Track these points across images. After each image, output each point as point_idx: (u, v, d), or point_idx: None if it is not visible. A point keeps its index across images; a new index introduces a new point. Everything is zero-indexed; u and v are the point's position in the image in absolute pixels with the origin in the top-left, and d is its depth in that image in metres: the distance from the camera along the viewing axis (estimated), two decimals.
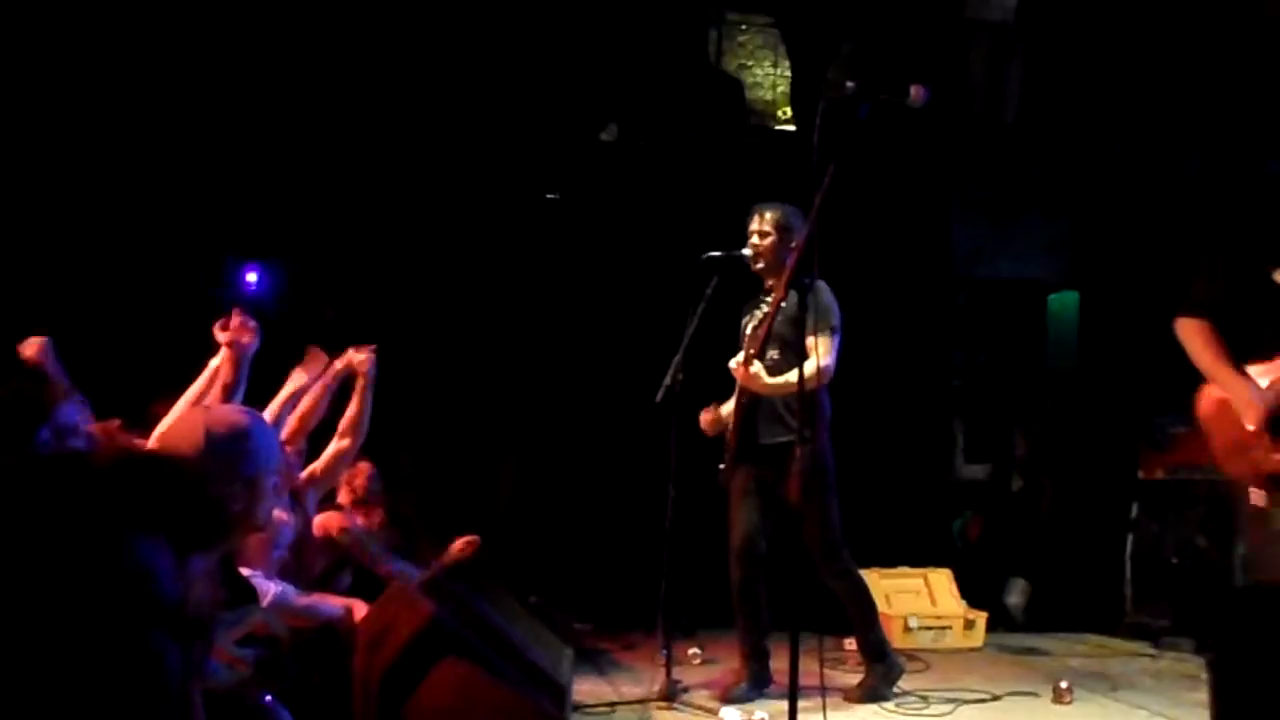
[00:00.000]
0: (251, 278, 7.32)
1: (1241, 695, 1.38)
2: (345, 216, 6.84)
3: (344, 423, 4.18)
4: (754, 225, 4.68)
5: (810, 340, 4.17)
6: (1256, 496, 2.60)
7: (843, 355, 4.58)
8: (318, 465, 4.11)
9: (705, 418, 4.76)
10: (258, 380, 4.33)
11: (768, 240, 4.63)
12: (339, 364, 4.18)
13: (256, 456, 2.23)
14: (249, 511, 2.17)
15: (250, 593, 2.91)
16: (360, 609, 3.33)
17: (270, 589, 3.25)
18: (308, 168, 6.74)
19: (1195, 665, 5.33)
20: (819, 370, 4.41)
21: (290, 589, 3.34)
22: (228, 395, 3.49)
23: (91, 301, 6.11)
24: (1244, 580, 2.75)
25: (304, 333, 6.70)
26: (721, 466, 4.70)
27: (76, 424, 2.81)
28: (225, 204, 6.72)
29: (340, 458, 4.19)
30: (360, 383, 4.18)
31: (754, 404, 4.60)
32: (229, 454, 2.17)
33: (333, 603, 3.41)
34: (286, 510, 3.85)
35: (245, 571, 3.16)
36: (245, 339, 3.54)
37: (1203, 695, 4.73)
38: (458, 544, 4.82)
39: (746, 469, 4.65)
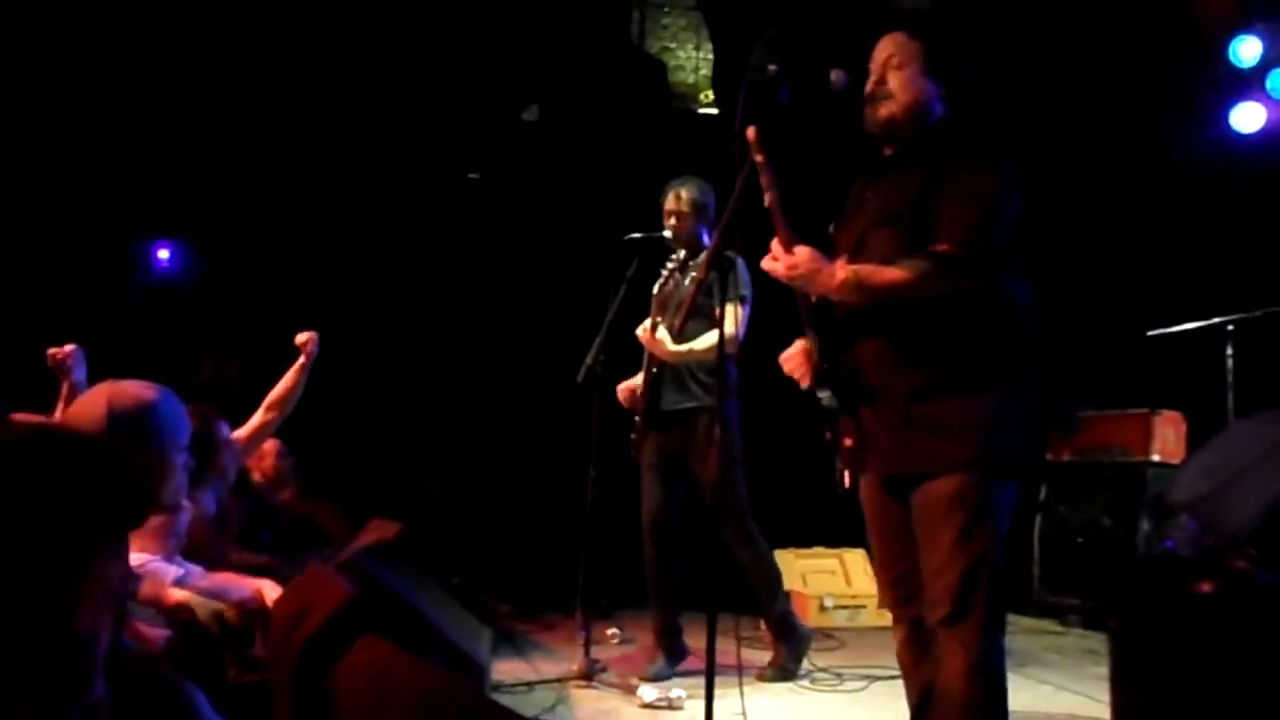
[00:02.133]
0: (163, 255, 7.18)
1: (1140, 666, 1.43)
2: (262, 195, 6.72)
3: (272, 396, 4.11)
4: (669, 205, 4.72)
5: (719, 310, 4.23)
6: None
7: (762, 333, 4.62)
8: (241, 434, 4.04)
9: (623, 394, 4.78)
10: (171, 360, 4.26)
11: (684, 219, 4.69)
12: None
13: (162, 431, 2.19)
14: (156, 489, 2.12)
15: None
16: (270, 589, 3.28)
17: (171, 572, 3.18)
18: (224, 144, 6.60)
19: (1098, 641, 5.49)
20: (728, 338, 4.46)
21: (196, 570, 3.26)
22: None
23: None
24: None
25: (216, 312, 6.62)
26: (634, 436, 4.72)
27: None
28: (136, 181, 6.56)
29: (262, 430, 4.12)
30: (300, 361, 4.13)
31: (660, 372, 4.64)
32: (133, 430, 2.13)
33: (242, 584, 3.35)
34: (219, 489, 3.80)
35: (135, 559, 3.07)
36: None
37: (1102, 669, 4.89)
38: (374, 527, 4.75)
39: (653, 438, 4.69)
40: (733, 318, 4.47)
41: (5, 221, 6.18)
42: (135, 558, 3.11)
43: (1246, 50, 6.05)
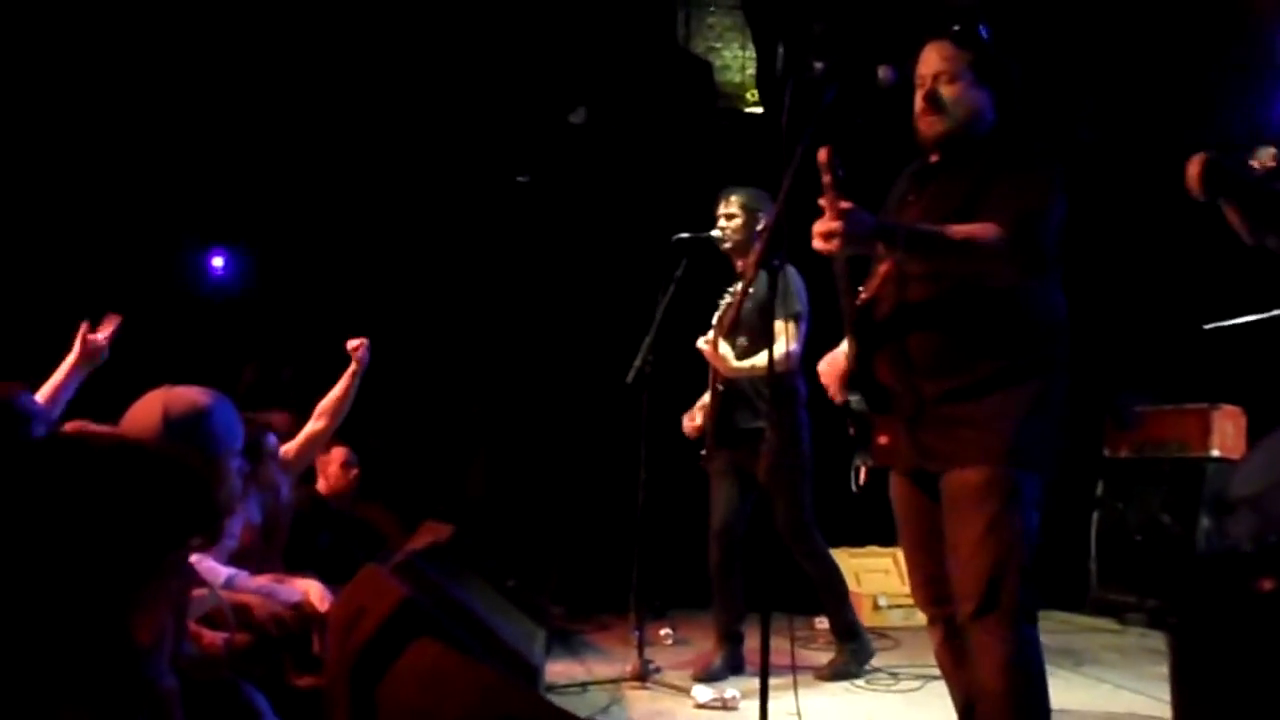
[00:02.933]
0: (218, 263, 7.28)
1: (1201, 664, 1.41)
2: (314, 202, 6.80)
3: (324, 404, 4.16)
4: (721, 208, 4.74)
5: (778, 325, 4.24)
6: None
7: (813, 334, 4.61)
8: (291, 447, 4.09)
9: (687, 427, 4.81)
10: (223, 367, 4.32)
11: (735, 222, 4.69)
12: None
13: (217, 437, 2.22)
14: (215, 493, 2.15)
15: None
16: (316, 590, 3.32)
17: (220, 574, 3.23)
18: (277, 152, 6.69)
19: (1158, 640, 5.41)
20: (785, 355, 4.48)
21: (242, 574, 3.31)
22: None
23: (54, 291, 6.05)
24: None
25: (270, 318, 6.70)
26: (703, 452, 4.74)
27: (36, 411, 2.80)
28: (191, 188, 6.67)
29: (314, 440, 4.17)
30: (352, 368, 4.18)
31: (729, 389, 4.65)
32: (188, 435, 2.16)
33: (290, 586, 3.39)
34: (266, 497, 3.84)
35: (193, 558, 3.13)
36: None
37: (1163, 668, 4.82)
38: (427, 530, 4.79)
39: (724, 453, 4.71)
40: (785, 334, 4.49)
41: (62, 230, 6.30)
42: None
43: None
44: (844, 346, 2.88)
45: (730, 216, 4.71)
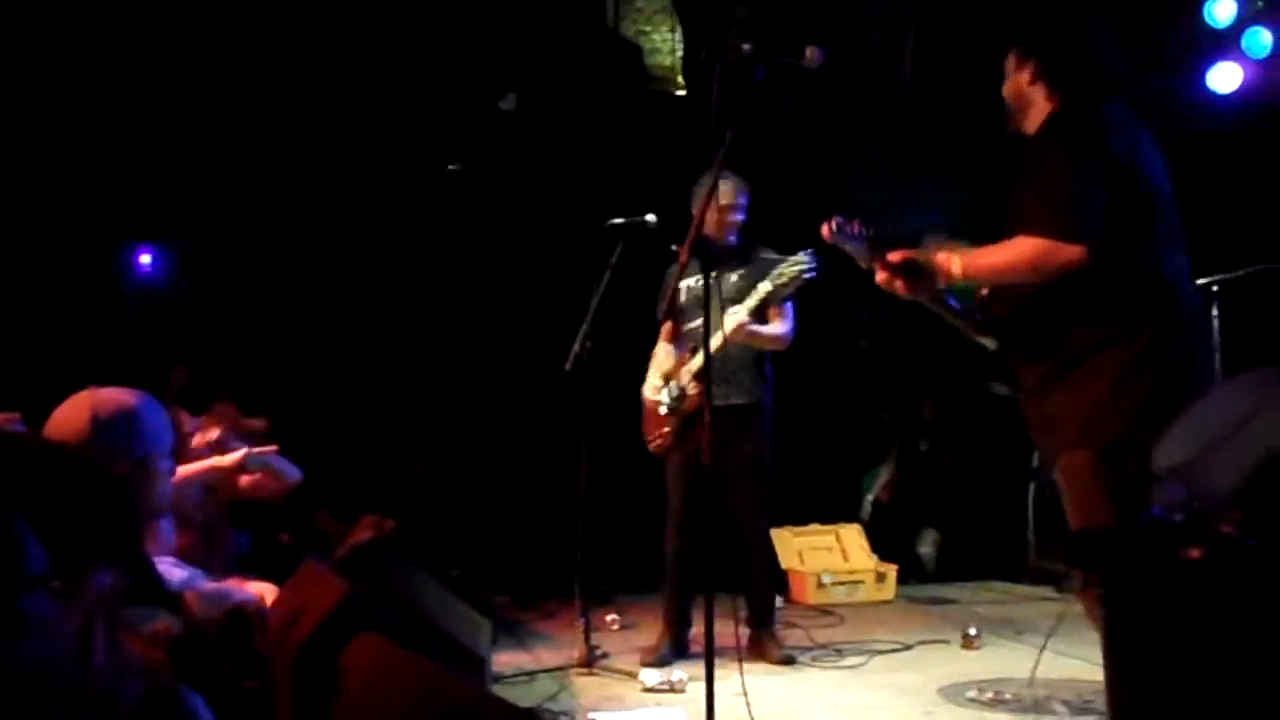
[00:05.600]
0: (145, 260, 7.14)
1: (1133, 634, 1.45)
2: (241, 195, 6.68)
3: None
4: (725, 200, 4.56)
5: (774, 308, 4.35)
6: None
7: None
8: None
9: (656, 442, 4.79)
10: (153, 367, 4.23)
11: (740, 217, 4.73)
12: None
13: (145, 438, 2.18)
14: (143, 495, 2.12)
15: (153, 581, 2.84)
16: (271, 592, 3.28)
17: (175, 575, 3.17)
18: (200, 144, 6.57)
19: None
20: (780, 336, 4.57)
21: (197, 574, 3.26)
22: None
23: None
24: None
25: (198, 317, 6.59)
26: (657, 440, 4.69)
27: None
28: (115, 184, 6.52)
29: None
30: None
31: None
32: (116, 436, 2.12)
33: (243, 588, 3.34)
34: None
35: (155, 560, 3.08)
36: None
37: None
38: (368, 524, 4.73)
39: (682, 434, 4.68)
40: (780, 315, 4.61)
41: None
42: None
43: (1221, 10, 6.05)
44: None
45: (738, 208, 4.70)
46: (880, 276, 2.85)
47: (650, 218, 4.70)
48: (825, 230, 2.91)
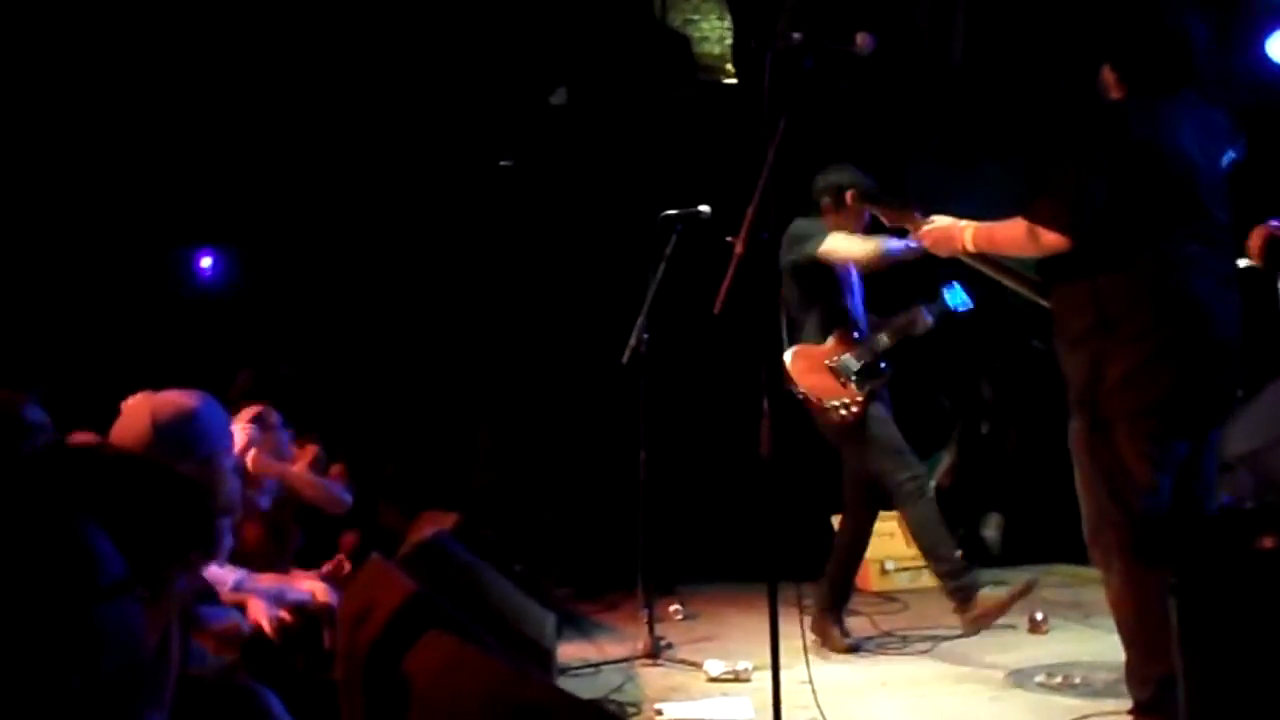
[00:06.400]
0: (206, 263, 7.25)
1: (1205, 623, 1.43)
2: (298, 197, 6.77)
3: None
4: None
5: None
6: None
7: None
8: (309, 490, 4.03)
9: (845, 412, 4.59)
10: (214, 371, 4.30)
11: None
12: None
13: (208, 437, 2.21)
14: (211, 495, 2.15)
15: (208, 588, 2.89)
16: (321, 589, 3.33)
17: (229, 578, 3.23)
18: (259, 149, 6.66)
19: None
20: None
21: (248, 576, 3.31)
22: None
23: (42, 293, 6.02)
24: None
25: (258, 319, 6.68)
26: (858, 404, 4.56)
27: (41, 423, 2.78)
28: (175, 189, 6.64)
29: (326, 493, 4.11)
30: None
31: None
32: (178, 439, 2.15)
33: (298, 586, 3.39)
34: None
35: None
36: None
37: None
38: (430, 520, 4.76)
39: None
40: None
41: (45, 231, 6.27)
42: None
43: None
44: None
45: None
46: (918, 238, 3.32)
47: (704, 209, 4.69)
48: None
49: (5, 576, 1.36)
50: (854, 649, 4.60)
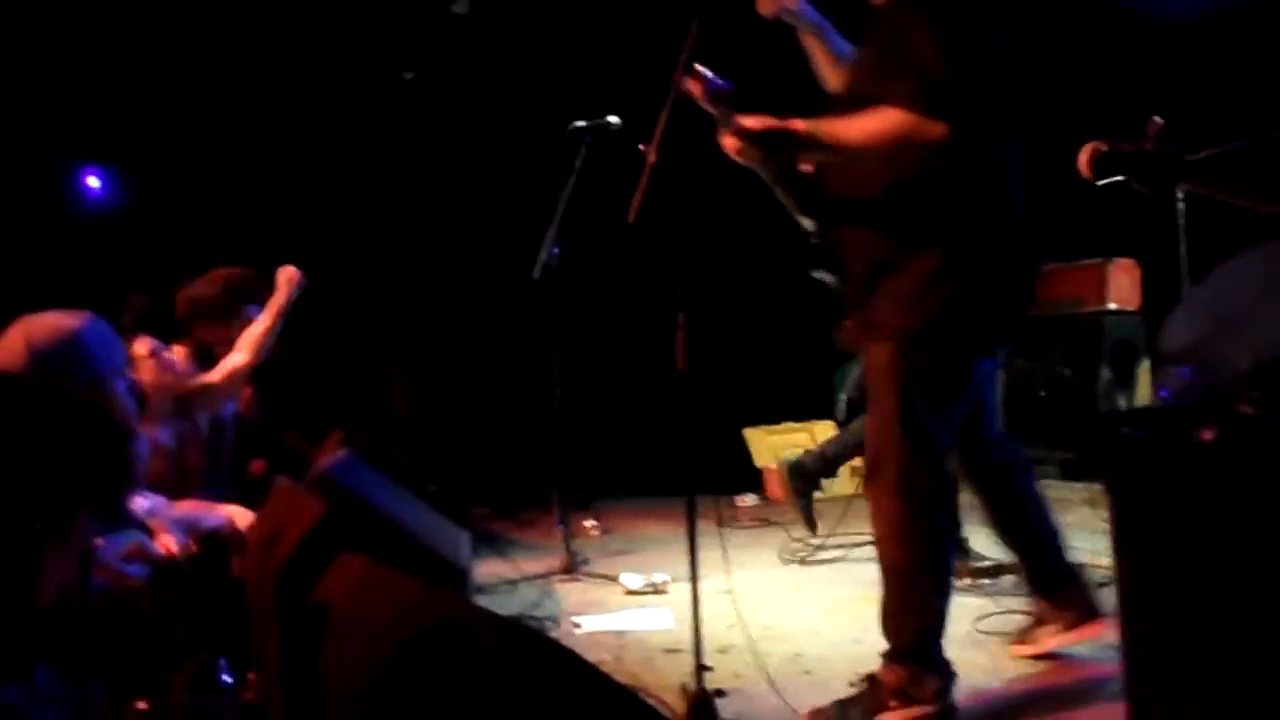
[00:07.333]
0: (94, 182, 6.96)
1: (1143, 519, 1.44)
2: (191, 113, 6.50)
3: (245, 337, 3.85)
4: None
5: None
6: None
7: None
8: (213, 377, 3.84)
9: None
10: (98, 290, 4.12)
11: None
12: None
13: (91, 359, 2.10)
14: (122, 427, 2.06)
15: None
16: (242, 515, 3.25)
17: (141, 504, 3.14)
18: (149, 61, 6.36)
19: (1068, 490, 5.60)
20: None
21: (161, 501, 3.22)
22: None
23: None
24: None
25: (153, 243, 6.44)
26: None
27: None
28: (63, 103, 6.32)
29: (236, 373, 3.90)
30: (279, 299, 3.90)
31: None
32: (59, 363, 2.04)
33: (213, 512, 3.31)
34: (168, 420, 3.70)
35: None
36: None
37: (1071, 517, 4.99)
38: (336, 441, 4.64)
39: None
40: None
41: None
42: None
43: None
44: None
45: None
46: (730, 142, 2.59)
47: (614, 119, 4.61)
48: (693, 85, 2.61)
49: None
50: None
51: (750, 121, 2.55)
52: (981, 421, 3.04)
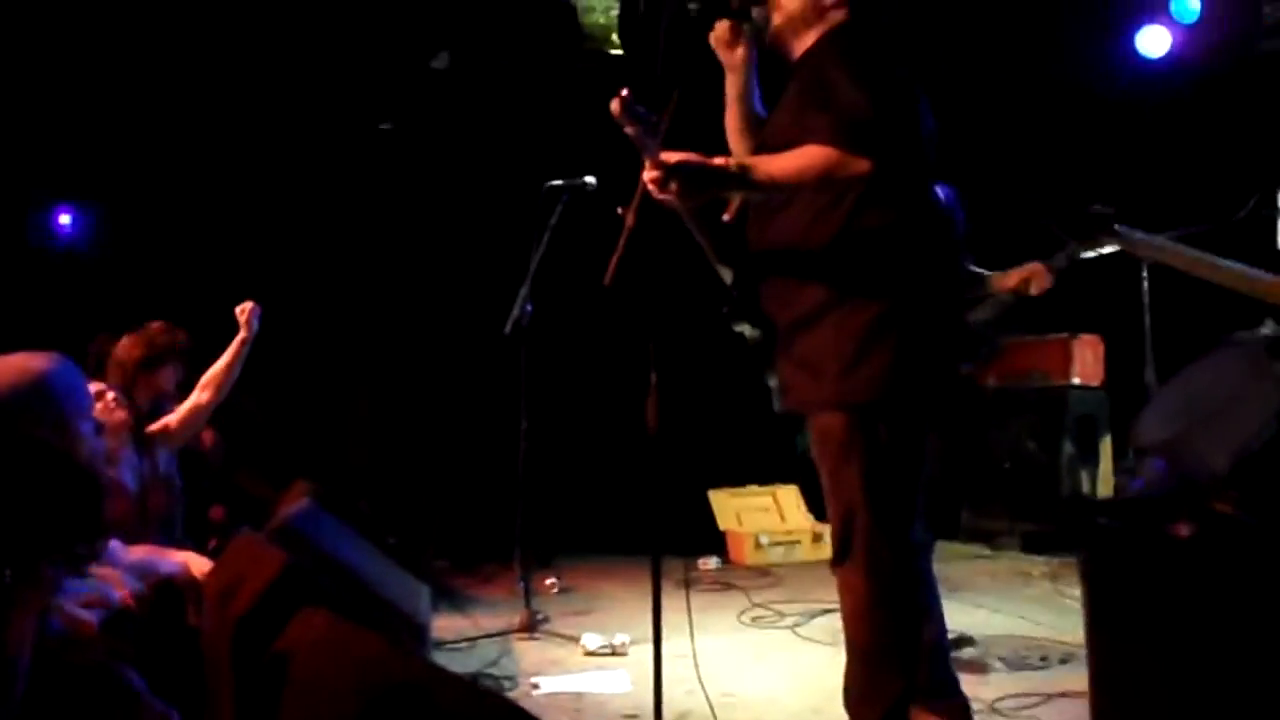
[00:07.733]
0: (65, 220, 6.93)
1: (1117, 610, 1.43)
2: (169, 155, 6.50)
3: (208, 376, 3.87)
4: None
5: None
6: None
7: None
8: (172, 419, 3.86)
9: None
10: (78, 337, 4.09)
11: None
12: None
13: (58, 401, 2.07)
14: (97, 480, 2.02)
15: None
16: (197, 562, 3.21)
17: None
18: (127, 103, 6.36)
19: (1029, 564, 5.62)
20: None
21: (118, 545, 3.17)
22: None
23: None
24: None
25: (123, 283, 6.40)
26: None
27: None
28: (35, 142, 6.30)
29: (198, 412, 3.90)
30: (240, 336, 3.92)
31: None
32: (26, 406, 2.02)
33: (169, 557, 3.26)
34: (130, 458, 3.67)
35: None
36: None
37: (1032, 590, 5.01)
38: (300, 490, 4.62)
39: None
40: None
41: None
42: None
43: None
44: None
45: None
46: (651, 174, 2.43)
47: (589, 179, 4.64)
48: (614, 104, 2.52)
49: None
50: None
51: (670, 155, 2.44)
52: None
